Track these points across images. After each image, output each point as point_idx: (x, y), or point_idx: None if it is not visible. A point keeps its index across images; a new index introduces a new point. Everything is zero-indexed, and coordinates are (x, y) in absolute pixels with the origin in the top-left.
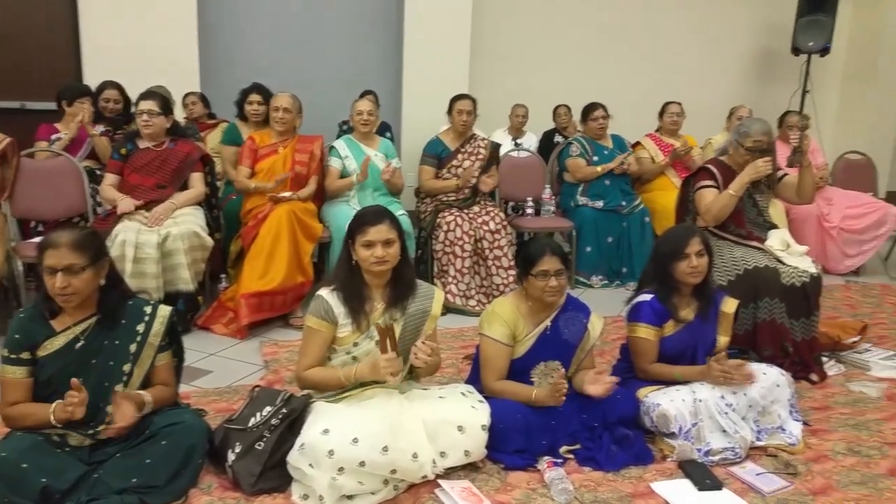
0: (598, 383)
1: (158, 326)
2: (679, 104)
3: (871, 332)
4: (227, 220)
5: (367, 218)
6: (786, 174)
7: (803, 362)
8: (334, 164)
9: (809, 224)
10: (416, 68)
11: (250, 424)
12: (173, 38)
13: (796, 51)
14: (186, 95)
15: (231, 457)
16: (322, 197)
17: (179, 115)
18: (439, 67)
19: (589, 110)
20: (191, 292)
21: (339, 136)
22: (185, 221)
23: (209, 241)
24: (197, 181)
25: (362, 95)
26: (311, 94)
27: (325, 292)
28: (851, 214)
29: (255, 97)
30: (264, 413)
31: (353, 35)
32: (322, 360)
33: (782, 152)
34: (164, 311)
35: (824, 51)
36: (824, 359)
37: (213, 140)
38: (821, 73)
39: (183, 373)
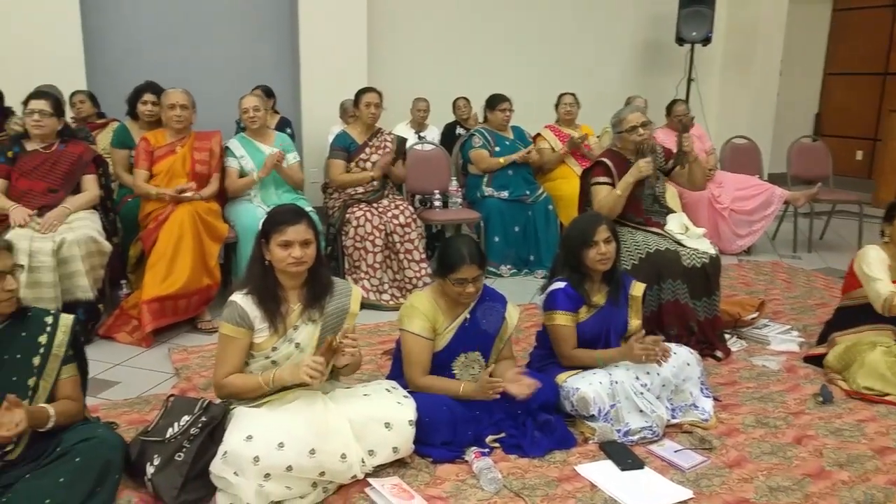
0: (518, 384)
1: (62, 336)
2: (573, 94)
3: (766, 308)
4: (125, 223)
5: (284, 217)
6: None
7: (708, 340)
8: (231, 164)
9: (702, 207)
10: (314, 63)
11: (168, 435)
12: (56, 36)
13: (680, 41)
14: (74, 94)
15: (150, 470)
16: (225, 196)
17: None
18: (337, 62)
19: (496, 101)
20: (90, 301)
21: (236, 135)
22: (80, 226)
23: (107, 247)
24: (90, 184)
25: (252, 91)
26: (205, 91)
27: (238, 297)
28: (740, 196)
29: (149, 97)
30: (182, 423)
31: (246, 30)
32: (240, 367)
33: (671, 140)
34: (67, 319)
35: (706, 40)
36: (727, 336)
37: (104, 140)
38: (704, 61)
39: (88, 385)
